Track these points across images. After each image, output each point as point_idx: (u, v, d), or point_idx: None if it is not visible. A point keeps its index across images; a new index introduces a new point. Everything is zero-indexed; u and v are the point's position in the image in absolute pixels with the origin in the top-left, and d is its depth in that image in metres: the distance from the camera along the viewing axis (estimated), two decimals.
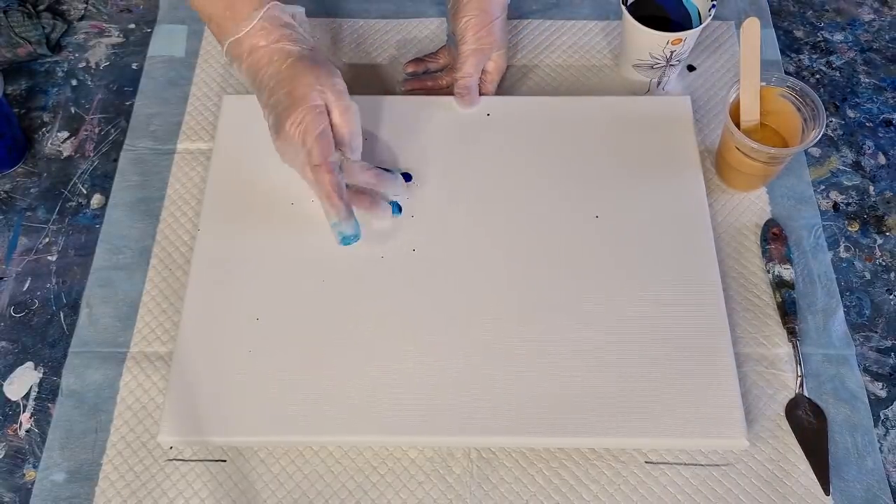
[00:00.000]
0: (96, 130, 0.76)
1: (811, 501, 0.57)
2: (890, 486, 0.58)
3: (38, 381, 0.64)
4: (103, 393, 0.62)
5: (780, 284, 0.65)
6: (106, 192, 0.72)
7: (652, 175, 0.68)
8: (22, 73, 0.80)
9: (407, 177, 0.68)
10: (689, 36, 0.68)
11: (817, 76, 0.80)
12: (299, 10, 0.65)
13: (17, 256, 0.69)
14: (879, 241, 0.70)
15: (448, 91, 0.73)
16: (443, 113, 0.72)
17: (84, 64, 0.81)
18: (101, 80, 0.80)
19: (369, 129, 0.71)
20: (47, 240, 0.70)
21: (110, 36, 0.83)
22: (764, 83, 0.66)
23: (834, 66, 0.80)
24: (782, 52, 0.80)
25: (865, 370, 0.64)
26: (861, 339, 0.65)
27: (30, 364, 0.64)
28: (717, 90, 0.76)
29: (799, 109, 0.66)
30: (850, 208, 0.72)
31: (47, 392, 0.63)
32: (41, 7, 0.82)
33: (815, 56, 0.81)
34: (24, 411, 0.62)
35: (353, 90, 0.76)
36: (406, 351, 0.61)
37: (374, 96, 0.74)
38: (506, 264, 0.64)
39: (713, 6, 0.68)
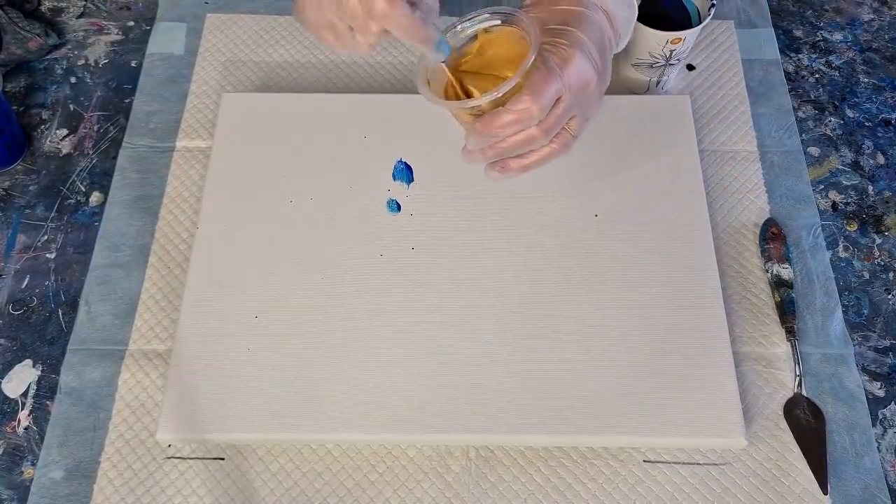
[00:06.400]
0: (95, 128, 0.76)
1: (809, 500, 0.57)
2: (888, 485, 0.59)
3: (36, 378, 0.64)
4: (102, 391, 0.62)
5: (778, 284, 0.65)
6: (105, 190, 0.72)
7: (651, 174, 0.68)
8: (21, 71, 0.80)
9: (408, 175, 0.68)
10: (689, 35, 0.68)
11: (817, 76, 0.80)
12: None
13: (16, 254, 0.69)
14: (878, 241, 0.70)
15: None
16: (443, 111, 0.71)
17: (83, 61, 0.81)
18: (101, 77, 0.80)
19: (369, 128, 0.71)
20: (46, 237, 0.70)
21: (109, 33, 0.83)
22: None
23: (833, 65, 0.80)
24: (782, 51, 0.80)
25: (864, 370, 0.64)
26: (859, 339, 0.65)
27: (28, 362, 0.64)
28: (717, 90, 0.76)
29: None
30: (848, 208, 0.72)
31: (46, 390, 0.63)
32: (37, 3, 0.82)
33: (814, 56, 0.81)
34: (22, 409, 0.62)
35: (351, 89, 0.77)
36: (405, 349, 0.61)
37: (374, 95, 0.74)
38: (505, 263, 0.64)
39: (713, 5, 0.68)
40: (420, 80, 0.53)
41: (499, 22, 0.53)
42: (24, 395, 0.63)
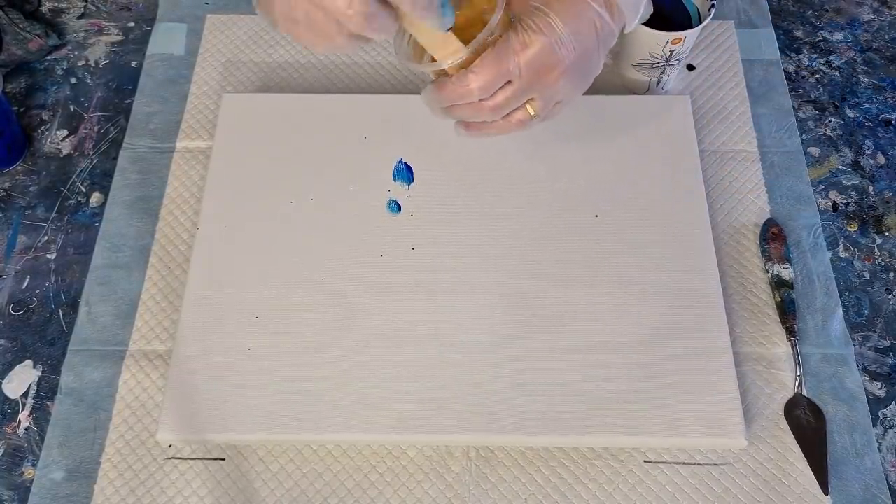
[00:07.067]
0: (95, 129, 0.76)
1: (809, 501, 0.57)
2: (888, 485, 0.59)
3: (36, 379, 0.64)
4: (102, 391, 0.62)
5: (779, 284, 0.65)
6: (105, 191, 0.72)
7: (651, 174, 0.68)
8: (21, 71, 0.80)
9: (408, 175, 0.68)
10: (689, 35, 0.68)
11: (817, 76, 0.80)
12: None
13: (17, 254, 0.69)
14: (878, 241, 0.70)
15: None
16: None
17: (83, 62, 0.81)
18: (101, 78, 0.80)
19: (369, 128, 0.71)
20: (46, 238, 0.70)
21: (110, 34, 0.83)
22: None
23: (833, 65, 0.80)
24: (782, 51, 0.80)
25: (864, 370, 0.64)
26: (860, 339, 0.65)
27: (29, 362, 0.64)
28: (717, 90, 0.76)
29: None
30: (849, 208, 0.72)
31: (46, 390, 0.63)
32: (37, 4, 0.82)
33: (814, 56, 0.81)
34: (22, 409, 0.62)
35: (351, 89, 0.77)
36: (405, 349, 0.61)
37: (374, 95, 0.74)
38: (505, 263, 0.64)
39: (713, 6, 0.68)
40: (399, 42, 0.56)
41: None
42: (25, 395, 0.63)
